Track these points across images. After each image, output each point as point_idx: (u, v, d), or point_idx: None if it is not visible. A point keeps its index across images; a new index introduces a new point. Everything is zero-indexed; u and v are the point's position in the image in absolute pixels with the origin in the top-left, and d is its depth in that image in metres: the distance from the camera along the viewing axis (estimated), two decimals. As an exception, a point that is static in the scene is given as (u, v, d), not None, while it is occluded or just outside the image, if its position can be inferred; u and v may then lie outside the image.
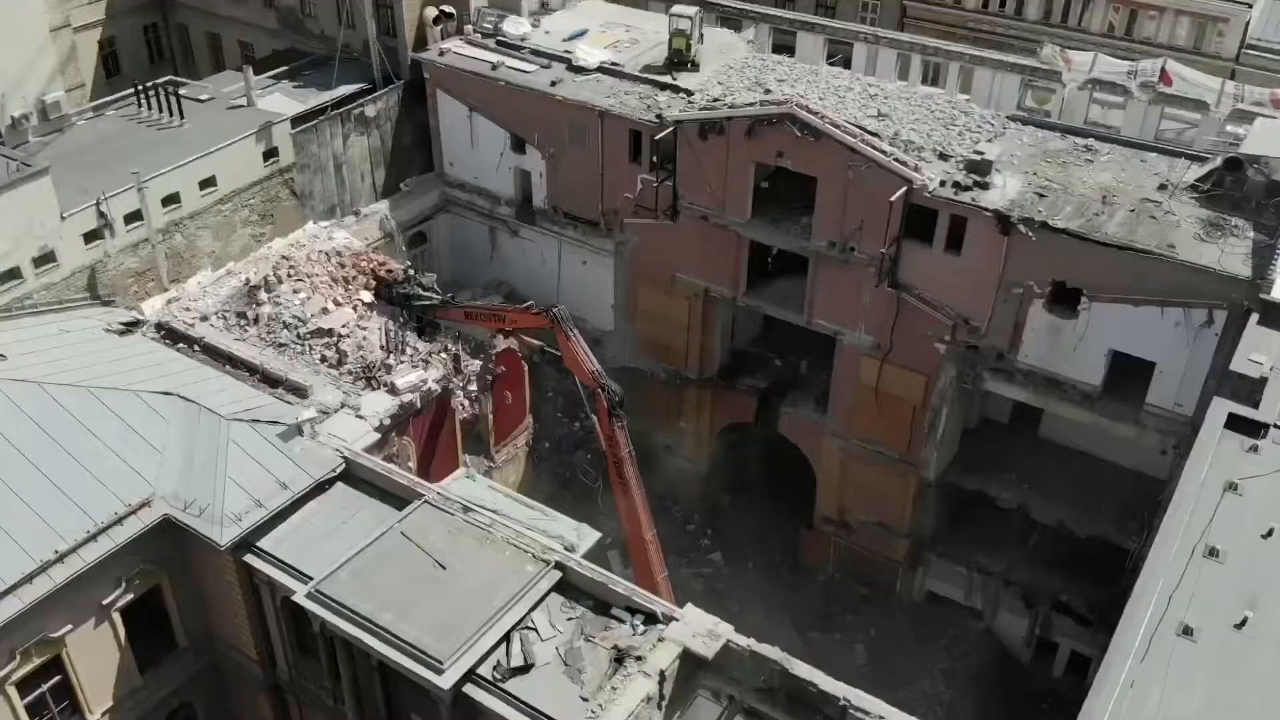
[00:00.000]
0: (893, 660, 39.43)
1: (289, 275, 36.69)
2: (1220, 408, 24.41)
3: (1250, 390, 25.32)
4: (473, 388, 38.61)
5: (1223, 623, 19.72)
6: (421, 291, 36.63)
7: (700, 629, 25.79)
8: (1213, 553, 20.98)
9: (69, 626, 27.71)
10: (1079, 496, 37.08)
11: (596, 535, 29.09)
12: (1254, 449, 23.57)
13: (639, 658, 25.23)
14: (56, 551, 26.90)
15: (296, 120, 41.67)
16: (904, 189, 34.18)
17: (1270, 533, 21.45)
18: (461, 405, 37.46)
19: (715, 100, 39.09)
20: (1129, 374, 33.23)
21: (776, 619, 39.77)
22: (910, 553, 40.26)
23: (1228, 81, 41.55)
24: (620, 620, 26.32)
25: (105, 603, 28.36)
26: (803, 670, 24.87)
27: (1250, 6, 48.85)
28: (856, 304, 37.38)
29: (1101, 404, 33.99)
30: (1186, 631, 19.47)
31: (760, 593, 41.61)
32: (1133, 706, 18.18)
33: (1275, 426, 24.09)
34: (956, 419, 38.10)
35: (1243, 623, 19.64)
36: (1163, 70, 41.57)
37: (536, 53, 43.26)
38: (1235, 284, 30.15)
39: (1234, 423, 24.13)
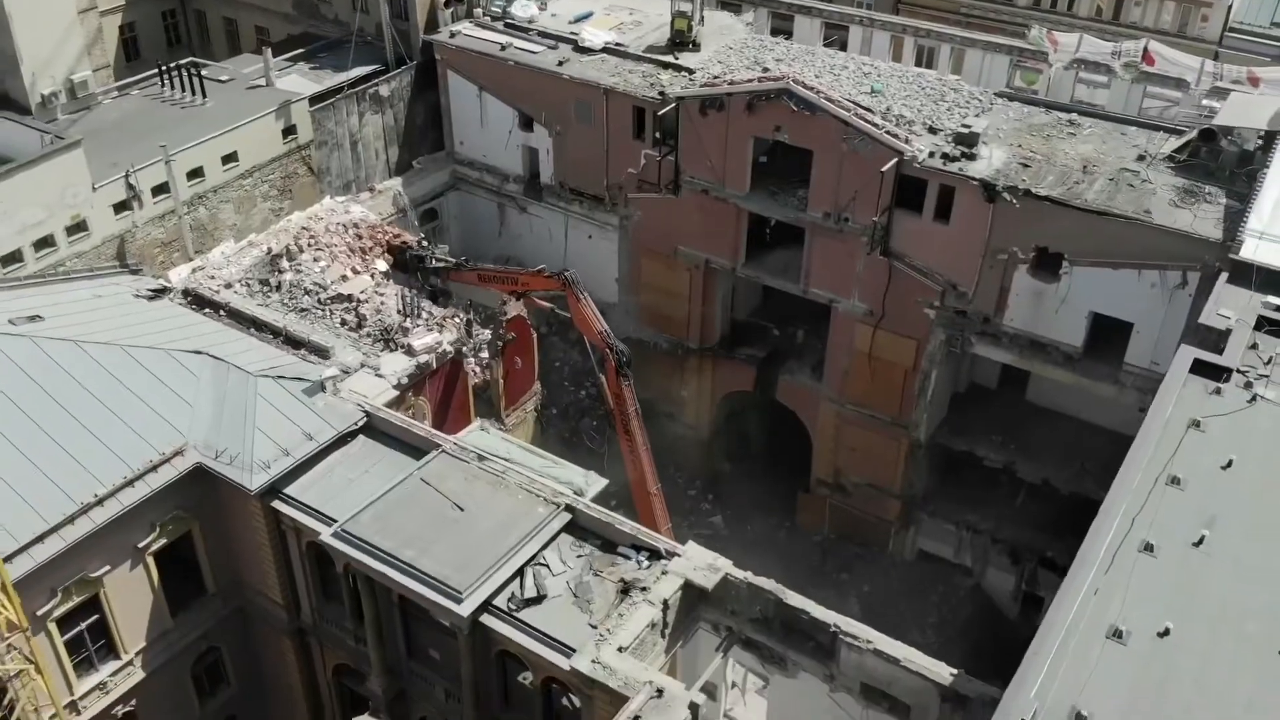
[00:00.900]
0: (885, 615, 41.05)
1: (309, 245, 38.43)
2: (1186, 353, 26.12)
3: (1216, 340, 27.02)
4: (484, 354, 40.46)
5: (1182, 542, 21.42)
6: (437, 255, 38.36)
7: (700, 563, 27.57)
8: (1174, 481, 22.68)
9: (106, 567, 29.44)
10: (1063, 456, 38.83)
11: (604, 481, 30.99)
12: (1217, 391, 25.29)
13: (644, 589, 27.01)
14: (95, 495, 28.64)
15: (314, 99, 43.42)
16: (895, 160, 35.94)
17: (1229, 464, 23.15)
18: (473, 370, 39.23)
19: (715, 78, 40.83)
20: (1108, 335, 34.97)
21: (774, 576, 41.43)
22: (902, 512, 42.02)
23: (1208, 61, 43.22)
24: (626, 557, 28.12)
25: (140, 546, 30.10)
26: (795, 600, 26.70)
27: (1232, -10, 50.60)
28: (850, 273, 39.14)
29: (1082, 364, 35.74)
30: (1148, 548, 21.18)
31: (758, 552, 43.28)
32: (1095, 612, 19.90)
33: (1239, 371, 25.81)
34: (946, 382, 39.88)
35: (1200, 541, 21.35)
36: (1145, 50, 43.30)
37: (544, 34, 45.04)
38: (1207, 246, 31.91)
39: (1199, 367, 25.86)
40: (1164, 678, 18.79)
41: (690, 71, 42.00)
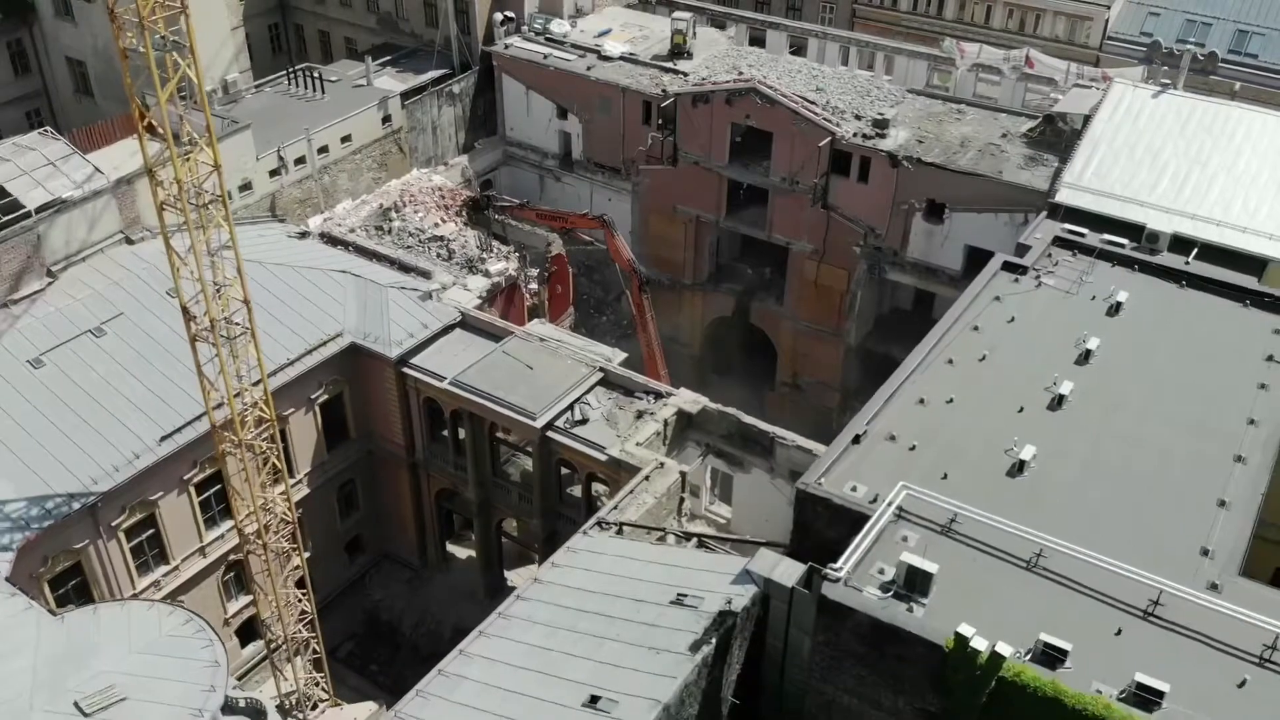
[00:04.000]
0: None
1: (409, 202, 53.15)
2: (999, 258, 40.69)
3: (1023, 253, 41.59)
4: (533, 285, 55.08)
5: (971, 357, 35.85)
6: (505, 198, 53.09)
7: (688, 400, 42.28)
8: (975, 329, 37.23)
9: (291, 409, 43.98)
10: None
11: (624, 355, 45.59)
12: (1016, 280, 39.83)
13: (651, 414, 41.69)
14: (288, 358, 43.21)
15: (404, 95, 58.00)
16: (829, 138, 50.54)
17: (1012, 319, 37.56)
18: (527, 293, 53.87)
19: (703, 79, 55.43)
20: (978, 260, 49.26)
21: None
22: (841, 401, 56.61)
23: (1072, 64, 57.49)
24: (639, 397, 42.80)
25: (312, 397, 44.75)
26: (748, 419, 41.33)
27: (1109, 8, 64.91)
28: (800, 221, 53.75)
29: (961, 283, 50.06)
30: (950, 362, 35.66)
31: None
32: (911, 389, 34.28)
33: (1033, 269, 40.30)
34: (870, 302, 54.50)
35: (983, 358, 35.83)
36: (1027, 57, 57.67)
37: (575, 46, 59.64)
38: (1038, 195, 46.42)
39: (1008, 266, 40.39)
40: (948, 423, 33.34)
41: (685, 74, 56.55)
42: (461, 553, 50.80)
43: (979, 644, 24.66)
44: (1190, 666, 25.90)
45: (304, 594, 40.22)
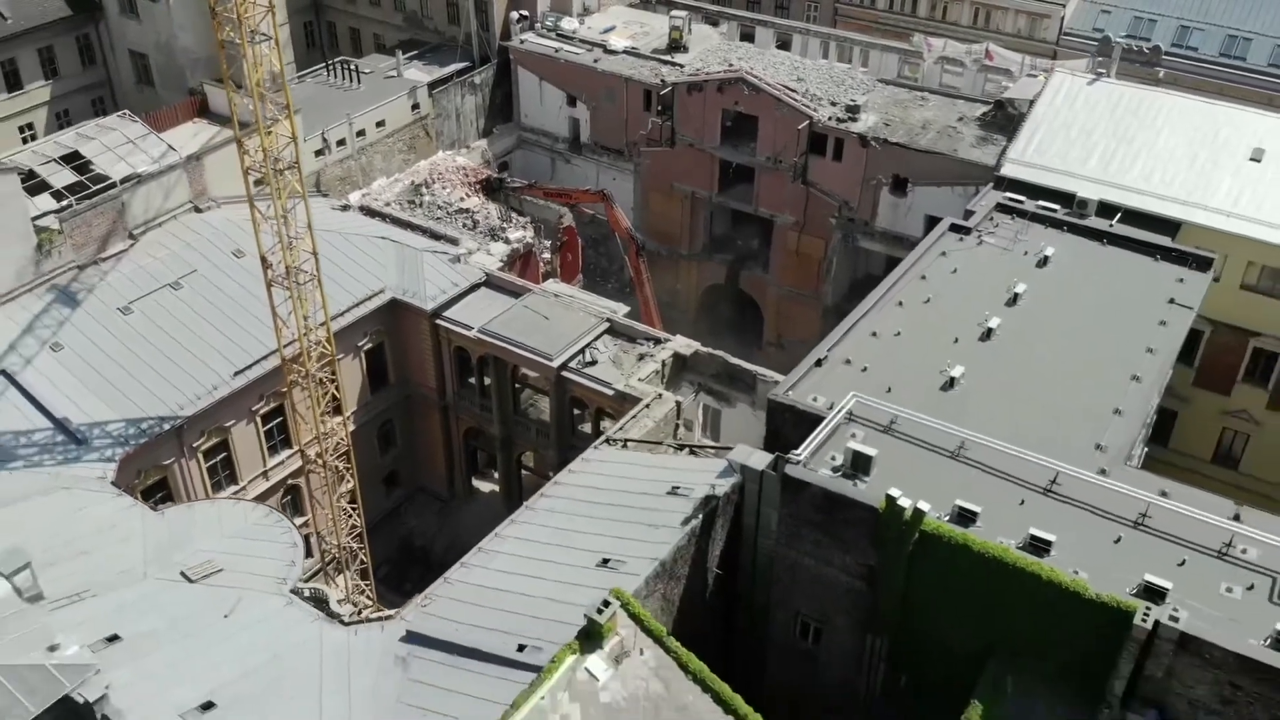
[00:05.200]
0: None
1: (437, 179, 60.13)
2: (946, 221, 47.62)
3: (969, 217, 48.47)
4: (547, 254, 62.02)
5: (918, 300, 42.74)
6: (515, 180, 60.13)
7: (683, 344, 49.23)
8: (923, 278, 44.09)
9: (342, 355, 50.85)
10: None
11: (626, 308, 52.54)
12: (960, 240, 46.73)
13: (651, 356, 48.63)
14: (339, 310, 50.12)
15: (431, 85, 64.95)
16: (807, 122, 57.48)
17: (955, 270, 44.45)
18: (541, 260, 60.82)
19: (697, 70, 62.37)
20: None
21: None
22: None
23: (1026, 56, 64.37)
24: (641, 343, 49.73)
25: (359, 345, 51.70)
26: (734, 360, 48.27)
27: (1064, 6, 71.84)
28: (783, 196, 60.69)
29: (924, 248, 57.09)
30: (900, 304, 42.58)
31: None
32: (859, 335, 41.17)
33: (976, 230, 47.18)
34: (845, 267, 61.47)
35: (927, 300, 42.69)
36: (987, 50, 64.64)
37: (583, 41, 66.60)
38: (987, 169, 53.31)
39: (954, 228, 47.31)
40: (895, 351, 40.19)
41: (681, 66, 63.48)
42: (485, 487, 57.77)
43: (904, 503, 31.54)
44: (1078, 528, 32.69)
45: (355, 508, 47.15)
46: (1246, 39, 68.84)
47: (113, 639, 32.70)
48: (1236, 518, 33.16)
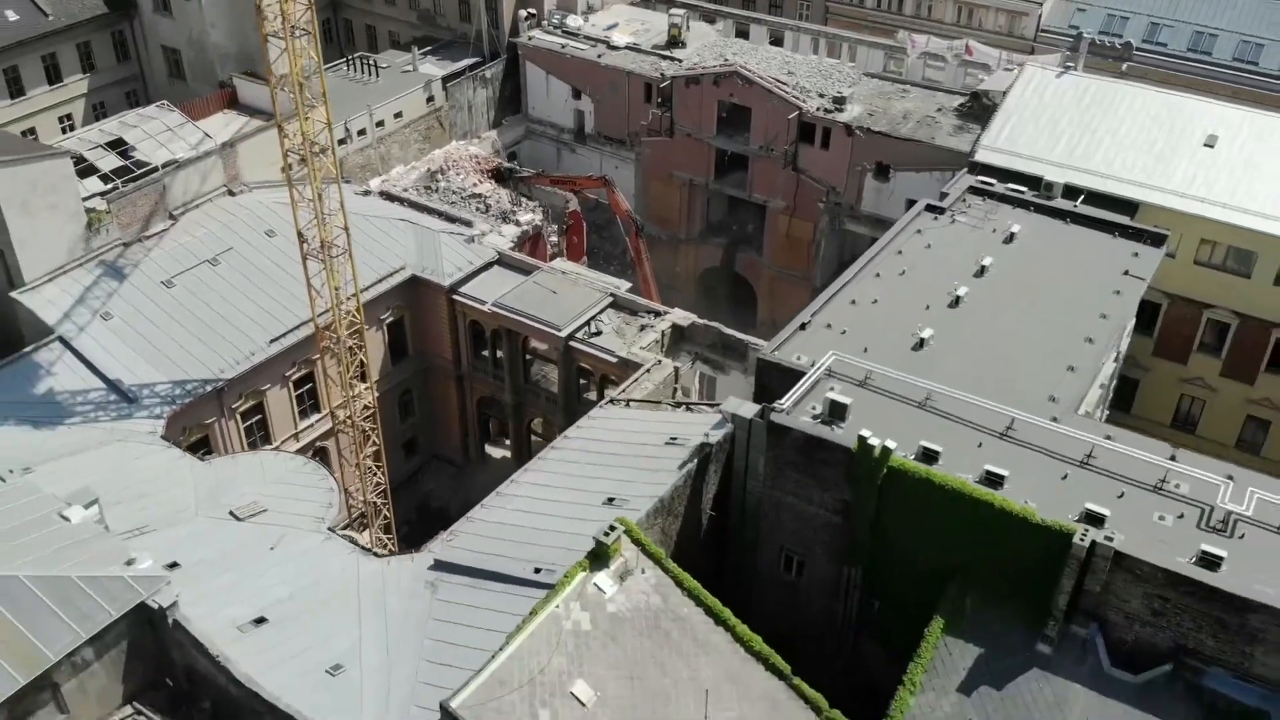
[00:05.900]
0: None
1: (451, 166, 64.33)
2: (923, 202, 51.81)
3: (944, 199, 52.65)
4: (554, 237, 66.25)
5: (894, 272, 46.91)
6: (522, 168, 64.37)
7: (681, 316, 53.44)
8: (899, 252, 48.25)
9: (367, 328, 54.97)
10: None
11: (628, 284, 56.76)
12: (935, 219, 50.92)
13: (651, 327, 52.83)
14: (365, 286, 54.25)
15: (445, 79, 69.15)
16: (797, 112, 61.67)
17: (929, 246, 48.67)
18: (549, 242, 65.03)
19: (695, 65, 66.57)
20: (918, 212, 60.50)
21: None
22: (811, 334, 67.62)
23: (1003, 51, 68.54)
24: (642, 316, 53.92)
25: (382, 318, 55.88)
26: (728, 330, 52.46)
27: (1041, 4, 76.01)
28: (775, 183, 64.87)
29: (905, 230, 61.28)
30: (877, 275, 46.73)
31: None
32: (839, 302, 45.34)
33: (949, 209, 51.34)
34: (833, 249, 65.65)
35: (902, 273, 46.89)
36: (967, 46, 68.81)
37: (587, 37, 70.81)
38: (962, 156, 57.48)
39: (930, 208, 51.49)
40: (872, 316, 44.32)
41: (680, 61, 67.66)
42: (497, 453, 61.96)
43: (874, 443, 35.73)
44: (1029, 467, 36.87)
45: (379, 466, 51.35)
46: (1213, 35, 73.02)
47: (172, 566, 36.89)
48: (1173, 458, 37.34)
